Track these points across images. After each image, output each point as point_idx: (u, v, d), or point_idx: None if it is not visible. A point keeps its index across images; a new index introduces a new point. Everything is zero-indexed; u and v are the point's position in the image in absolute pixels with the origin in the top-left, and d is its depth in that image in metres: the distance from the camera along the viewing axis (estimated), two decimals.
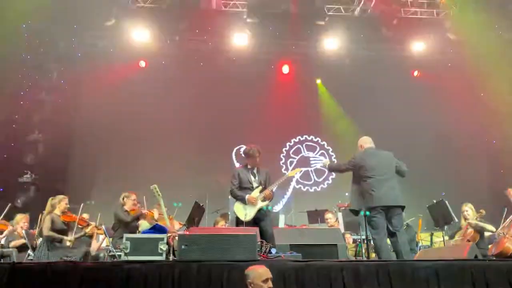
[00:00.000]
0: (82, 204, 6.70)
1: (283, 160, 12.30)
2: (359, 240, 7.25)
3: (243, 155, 6.33)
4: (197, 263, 3.93)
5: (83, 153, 11.15)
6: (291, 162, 12.30)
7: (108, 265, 3.83)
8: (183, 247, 4.08)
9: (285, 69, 12.37)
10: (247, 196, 5.78)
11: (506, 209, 6.28)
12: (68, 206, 6.31)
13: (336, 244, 4.84)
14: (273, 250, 4.49)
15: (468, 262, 4.17)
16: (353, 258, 7.29)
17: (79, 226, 6.37)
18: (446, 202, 6.73)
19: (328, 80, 12.14)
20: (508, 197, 6.27)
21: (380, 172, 5.49)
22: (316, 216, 9.45)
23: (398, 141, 9.91)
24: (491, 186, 10.08)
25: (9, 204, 7.52)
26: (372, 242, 5.72)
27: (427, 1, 10.93)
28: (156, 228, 4.75)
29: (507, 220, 6.16)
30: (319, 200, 10.72)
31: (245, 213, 5.72)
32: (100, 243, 6.91)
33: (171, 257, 4.78)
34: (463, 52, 11.15)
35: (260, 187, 5.92)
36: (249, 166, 6.07)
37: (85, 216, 7.27)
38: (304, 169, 11.95)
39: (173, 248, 4.83)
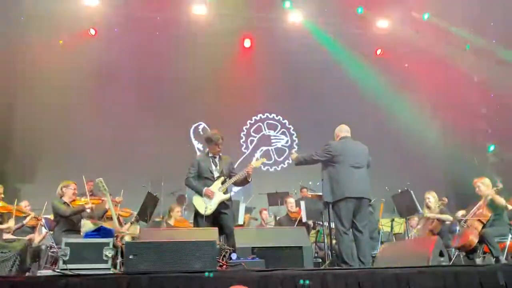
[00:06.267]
0: (21, 190, 6.03)
1: (244, 139, 11.84)
2: (320, 224, 7.03)
3: (205, 141, 5.85)
4: (148, 275, 3.41)
5: (26, 134, 10.07)
6: (252, 141, 11.88)
7: (42, 281, 3.28)
8: (131, 257, 3.59)
9: (247, 43, 11.70)
10: (204, 189, 5.32)
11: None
12: (2, 195, 5.65)
13: (301, 247, 4.49)
14: (234, 256, 4.08)
15: (439, 269, 3.95)
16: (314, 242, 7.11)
17: (17, 216, 5.75)
18: (411, 192, 6.58)
19: (290, 55, 11.59)
20: (475, 187, 6.15)
21: (355, 162, 5.20)
22: (276, 198, 9.19)
23: (363, 124, 9.71)
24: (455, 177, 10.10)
25: None
26: (335, 234, 5.44)
27: None
28: (101, 231, 4.19)
29: (471, 212, 6.08)
30: (279, 181, 10.43)
31: (206, 206, 5.24)
32: (44, 236, 6.26)
33: (118, 261, 4.30)
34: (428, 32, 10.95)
35: (222, 178, 5.48)
36: (210, 154, 5.61)
37: (24, 204, 6.61)
38: (265, 148, 11.62)
39: (121, 250, 4.35)
